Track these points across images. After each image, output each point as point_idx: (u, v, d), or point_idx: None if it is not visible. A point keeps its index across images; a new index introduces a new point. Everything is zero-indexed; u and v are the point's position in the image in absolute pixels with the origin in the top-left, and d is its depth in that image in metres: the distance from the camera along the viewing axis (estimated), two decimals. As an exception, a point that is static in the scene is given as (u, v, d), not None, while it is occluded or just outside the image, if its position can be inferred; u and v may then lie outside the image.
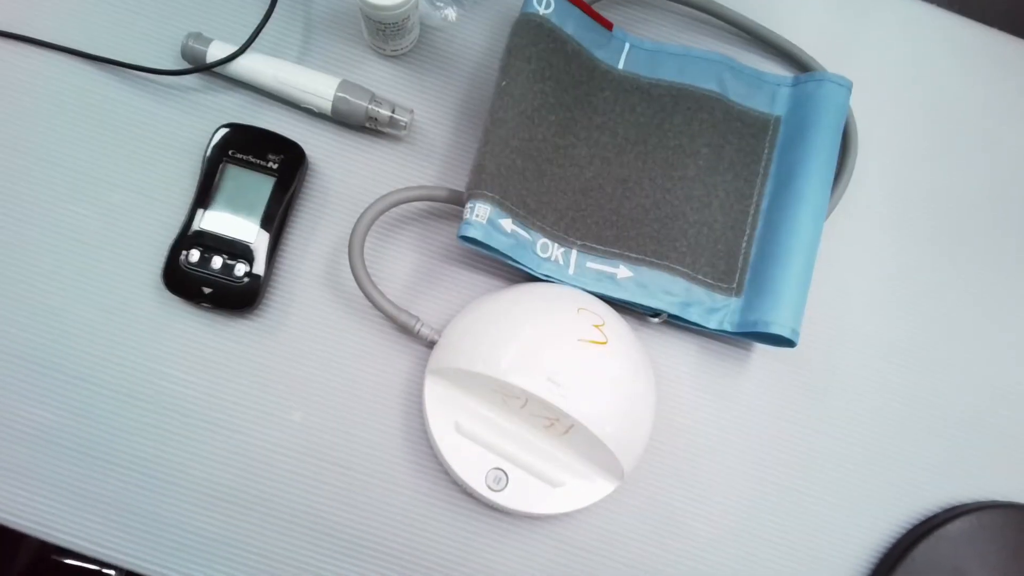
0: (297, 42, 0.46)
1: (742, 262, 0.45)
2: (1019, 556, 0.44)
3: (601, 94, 0.46)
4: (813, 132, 0.45)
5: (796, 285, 0.43)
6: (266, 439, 0.43)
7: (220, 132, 0.43)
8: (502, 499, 0.40)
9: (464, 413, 0.41)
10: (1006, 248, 0.49)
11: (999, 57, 0.51)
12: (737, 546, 0.44)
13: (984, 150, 0.50)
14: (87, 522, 0.41)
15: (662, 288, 0.44)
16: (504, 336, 0.39)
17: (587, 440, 0.39)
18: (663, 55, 0.47)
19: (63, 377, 0.42)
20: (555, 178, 0.44)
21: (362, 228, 0.42)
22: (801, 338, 0.47)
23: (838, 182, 0.47)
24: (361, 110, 0.44)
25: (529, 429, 0.41)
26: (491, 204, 0.41)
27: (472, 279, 0.45)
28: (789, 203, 0.44)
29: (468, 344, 0.40)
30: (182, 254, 0.42)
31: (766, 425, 0.46)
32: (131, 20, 0.45)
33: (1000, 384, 0.48)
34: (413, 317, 0.43)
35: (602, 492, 0.41)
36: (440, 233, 0.46)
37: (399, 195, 0.42)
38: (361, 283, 0.42)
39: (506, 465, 0.41)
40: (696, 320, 0.44)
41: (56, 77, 0.45)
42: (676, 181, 0.45)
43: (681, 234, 0.45)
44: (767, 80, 0.47)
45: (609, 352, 0.39)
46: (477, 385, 0.40)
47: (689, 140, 0.46)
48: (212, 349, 0.43)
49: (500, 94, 0.43)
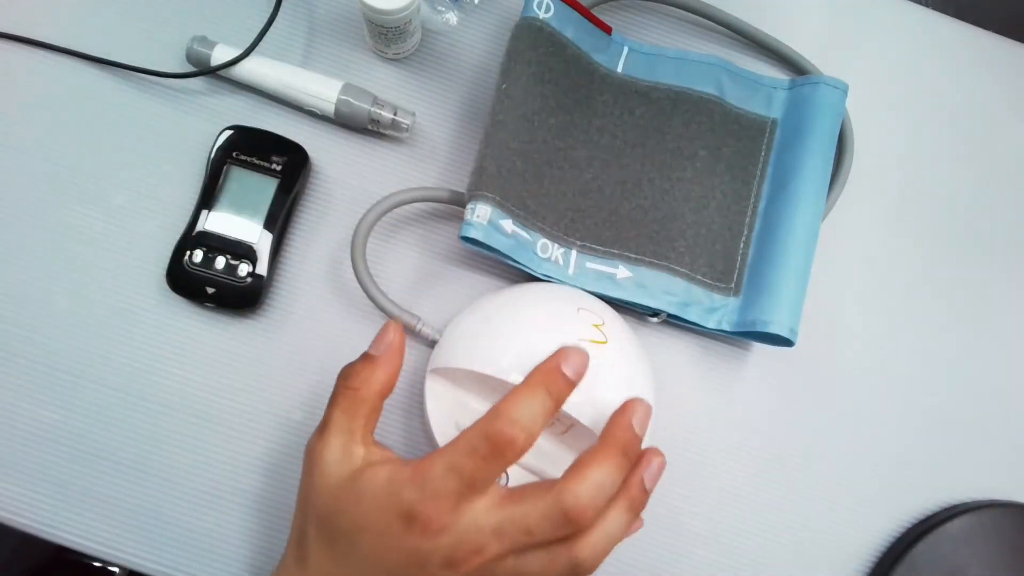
0: (301, 46, 0.47)
1: (740, 262, 0.45)
2: (1019, 555, 0.44)
3: (600, 97, 0.46)
4: (809, 134, 0.45)
5: (794, 285, 0.43)
6: (268, 438, 0.43)
7: (224, 134, 0.44)
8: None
9: (465, 412, 0.41)
10: (1004, 249, 0.50)
11: (994, 60, 0.52)
12: (736, 545, 0.45)
13: (980, 152, 0.50)
14: (89, 521, 0.41)
15: (661, 288, 0.44)
16: (504, 335, 0.40)
17: (587, 440, 0.39)
18: (661, 59, 0.48)
19: (66, 376, 0.43)
20: (555, 180, 0.44)
21: (364, 229, 0.42)
22: (799, 338, 0.47)
23: (834, 183, 0.48)
24: (363, 113, 0.44)
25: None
26: (492, 205, 0.41)
27: (473, 279, 0.46)
28: (786, 204, 0.45)
29: (469, 343, 0.41)
30: (186, 254, 0.43)
31: (765, 425, 0.46)
32: (136, 23, 0.46)
33: (1000, 384, 0.48)
34: (414, 316, 0.43)
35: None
36: (441, 234, 0.46)
37: (401, 196, 0.43)
38: (363, 282, 0.42)
39: None
40: (695, 320, 0.44)
41: (61, 79, 0.45)
42: (674, 183, 0.46)
43: (680, 235, 0.45)
44: (764, 83, 0.48)
45: (609, 352, 0.40)
46: (478, 384, 0.41)
47: (687, 142, 0.46)
48: (215, 348, 0.43)
49: (500, 97, 0.43)
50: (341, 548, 0.33)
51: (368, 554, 0.32)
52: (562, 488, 0.31)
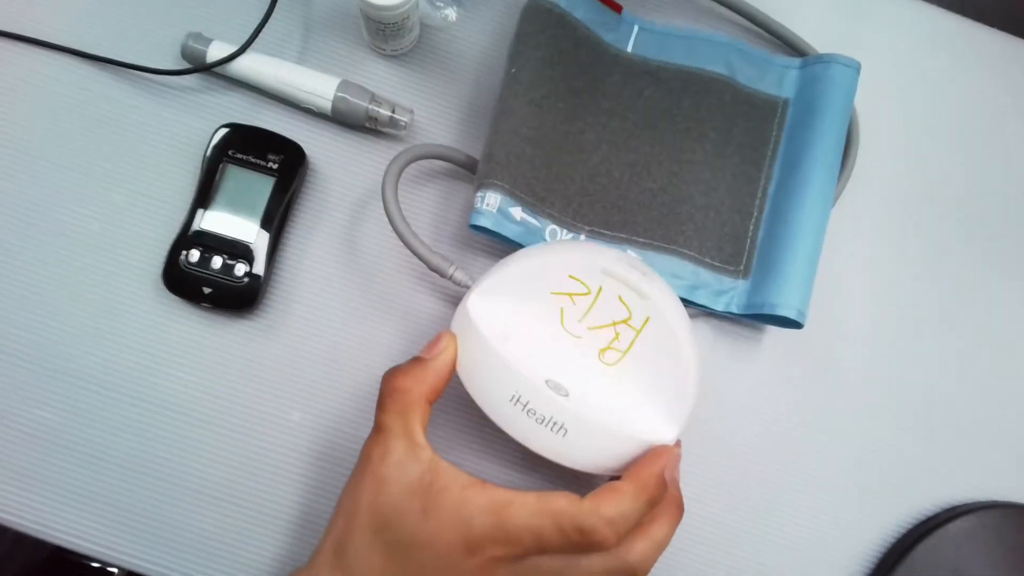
0: (297, 42, 0.46)
1: (749, 245, 0.45)
2: (1019, 556, 0.44)
3: (609, 78, 0.46)
4: (821, 114, 0.45)
5: (803, 267, 0.43)
6: (265, 439, 0.43)
7: (220, 132, 0.43)
8: (570, 404, 0.36)
9: (510, 336, 0.37)
10: (1008, 247, 0.49)
11: (998, 57, 0.51)
12: (736, 545, 0.44)
13: (984, 148, 0.50)
14: (86, 522, 0.41)
15: (669, 271, 0.44)
16: (569, 246, 0.39)
17: (650, 360, 0.37)
18: (672, 37, 0.47)
19: (63, 377, 0.42)
20: (563, 165, 0.44)
21: (395, 169, 0.41)
22: (802, 340, 0.47)
23: (840, 175, 0.47)
24: (361, 110, 0.44)
25: (584, 352, 0.37)
26: (501, 193, 0.41)
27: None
28: (797, 185, 0.44)
29: (528, 257, 0.38)
30: (182, 254, 0.42)
31: (764, 426, 0.46)
32: (131, 20, 0.46)
33: (1001, 383, 0.48)
34: (447, 260, 0.41)
35: (659, 436, 0.37)
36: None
37: (433, 149, 0.43)
38: (395, 224, 0.41)
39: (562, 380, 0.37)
40: (703, 303, 0.44)
41: (55, 77, 0.45)
42: (684, 165, 0.45)
43: (688, 218, 0.45)
44: (775, 62, 0.47)
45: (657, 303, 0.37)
46: (531, 298, 0.37)
47: (697, 124, 0.46)
48: (211, 349, 0.43)
49: (509, 82, 0.43)
50: (396, 559, 0.32)
51: (424, 570, 0.32)
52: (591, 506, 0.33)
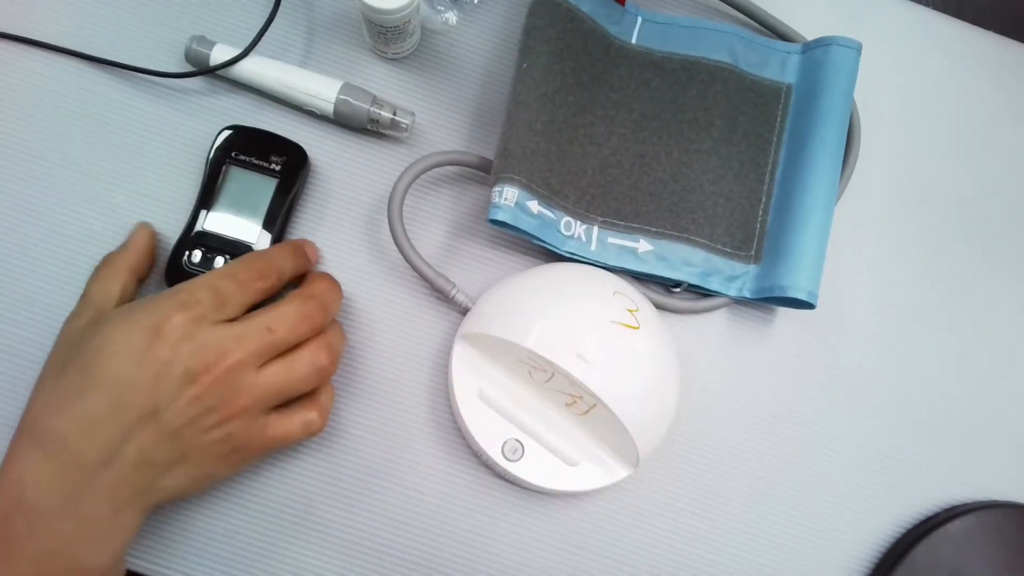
0: (300, 46, 0.47)
1: (759, 229, 0.46)
2: (1019, 556, 0.44)
3: (616, 71, 0.47)
4: (824, 96, 0.45)
5: (813, 248, 0.43)
6: (268, 439, 0.43)
7: (223, 134, 0.44)
8: (516, 469, 0.41)
9: (488, 382, 0.42)
10: (1007, 248, 0.49)
11: (994, 60, 0.52)
12: (736, 544, 0.45)
13: (981, 151, 0.50)
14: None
15: (682, 260, 0.45)
16: (539, 309, 0.40)
17: (606, 423, 0.39)
18: (675, 28, 0.48)
19: (66, 377, 0.42)
20: (575, 157, 0.45)
21: (401, 188, 0.42)
22: (805, 339, 0.47)
23: (841, 176, 0.47)
24: (363, 112, 0.44)
25: (551, 405, 0.42)
26: (518, 187, 0.42)
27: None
28: (803, 167, 0.45)
29: (503, 313, 0.41)
30: (185, 255, 0.42)
31: (763, 427, 0.46)
32: (135, 23, 0.46)
33: (1001, 383, 0.48)
34: (449, 282, 0.43)
35: (615, 477, 0.41)
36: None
37: (438, 158, 0.43)
38: (400, 245, 0.42)
39: (524, 437, 0.41)
40: (716, 289, 0.45)
41: (60, 79, 0.45)
42: (692, 154, 0.46)
43: (698, 206, 0.45)
44: (777, 48, 0.48)
45: (640, 338, 0.40)
46: (505, 355, 0.41)
47: (703, 112, 0.46)
48: (214, 349, 0.43)
49: (521, 76, 0.43)
50: (81, 375, 0.35)
51: (115, 375, 0.34)
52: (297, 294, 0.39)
